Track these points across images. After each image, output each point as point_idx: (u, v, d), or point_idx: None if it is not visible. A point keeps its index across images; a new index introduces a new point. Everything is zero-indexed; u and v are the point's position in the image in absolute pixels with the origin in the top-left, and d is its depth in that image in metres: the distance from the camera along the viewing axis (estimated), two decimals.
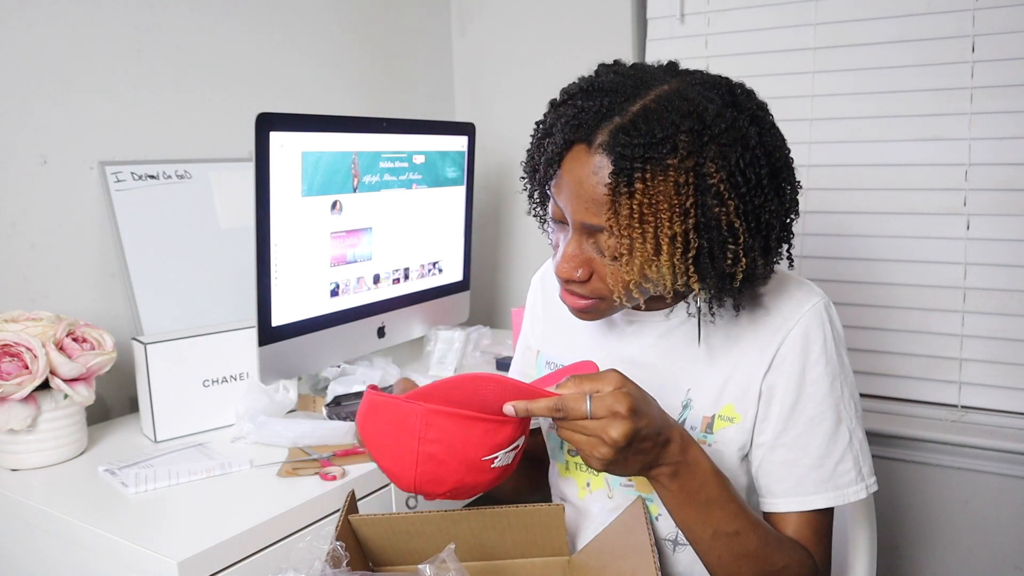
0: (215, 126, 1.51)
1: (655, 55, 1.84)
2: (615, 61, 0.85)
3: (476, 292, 1.99)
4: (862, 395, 1.69)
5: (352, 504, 0.87)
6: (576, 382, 0.72)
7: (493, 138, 2.01)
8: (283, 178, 1.24)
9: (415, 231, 1.58)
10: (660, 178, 0.74)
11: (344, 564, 0.75)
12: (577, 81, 0.84)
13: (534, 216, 0.93)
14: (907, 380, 1.65)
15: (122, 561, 0.91)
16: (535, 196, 0.91)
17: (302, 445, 1.17)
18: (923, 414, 1.63)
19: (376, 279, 1.50)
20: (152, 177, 1.38)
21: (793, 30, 1.68)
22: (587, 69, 0.86)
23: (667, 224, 0.75)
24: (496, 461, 0.76)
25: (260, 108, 1.19)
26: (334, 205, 1.35)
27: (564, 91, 0.84)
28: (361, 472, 1.09)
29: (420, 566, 0.74)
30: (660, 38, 1.84)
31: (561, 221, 0.85)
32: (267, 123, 1.19)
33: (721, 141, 0.75)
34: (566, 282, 0.85)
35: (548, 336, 1.06)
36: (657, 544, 0.91)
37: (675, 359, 0.91)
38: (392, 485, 1.14)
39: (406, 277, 1.59)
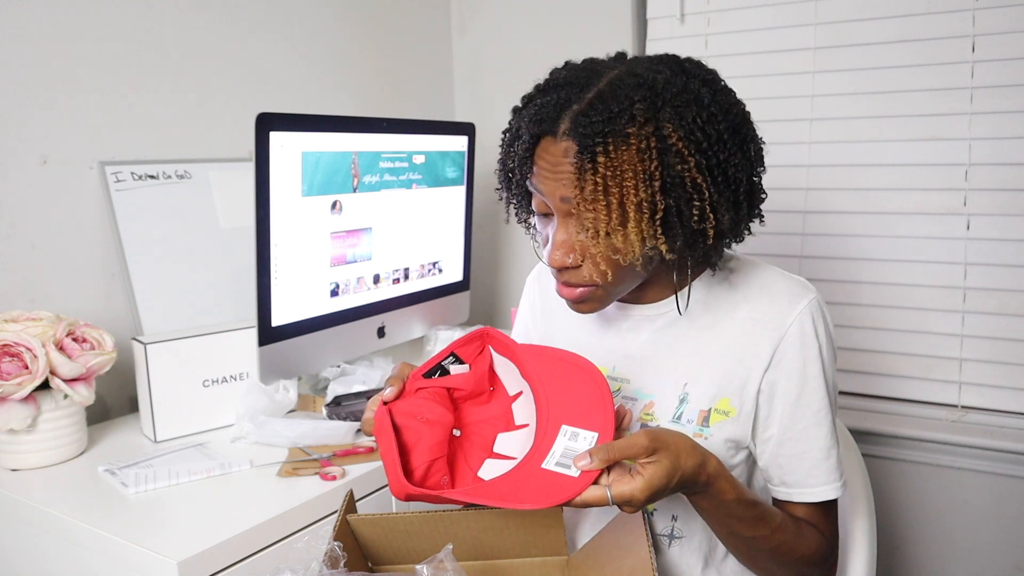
0: (215, 126, 1.51)
1: None
2: (565, 61, 0.90)
3: (476, 292, 1.99)
4: (862, 395, 1.70)
5: (351, 504, 0.87)
6: (606, 453, 0.73)
7: (493, 138, 2.00)
8: (283, 178, 1.24)
9: (415, 231, 1.58)
10: (623, 148, 0.77)
11: (342, 564, 0.75)
12: (534, 85, 0.88)
13: (519, 222, 0.96)
14: (907, 380, 1.65)
15: (122, 561, 0.91)
16: (513, 200, 0.94)
17: (302, 445, 1.17)
18: (923, 414, 1.63)
19: (376, 279, 1.50)
20: (152, 177, 1.38)
21: (793, 30, 1.68)
22: None
23: (632, 191, 0.78)
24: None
25: (260, 108, 1.19)
26: (334, 205, 1.36)
27: (524, 97, 0.89)
28: (360, 472, 1.10)
29: (418, 566, 0.74)
30: (660, 38, 1.84)
31: (545, 214, 0.87)
32: (267, 123, 1.19)
33: (676, 104, 0.78)
34: (560, 271, 0.87)
35: (547, 334, 1.06)
36: (653, 539, 0.92)
37: (672, 353, 0.92)
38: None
39: (406, 277, 1.59)
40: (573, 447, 0.76)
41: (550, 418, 0.80)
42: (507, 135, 0.89)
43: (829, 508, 0.91)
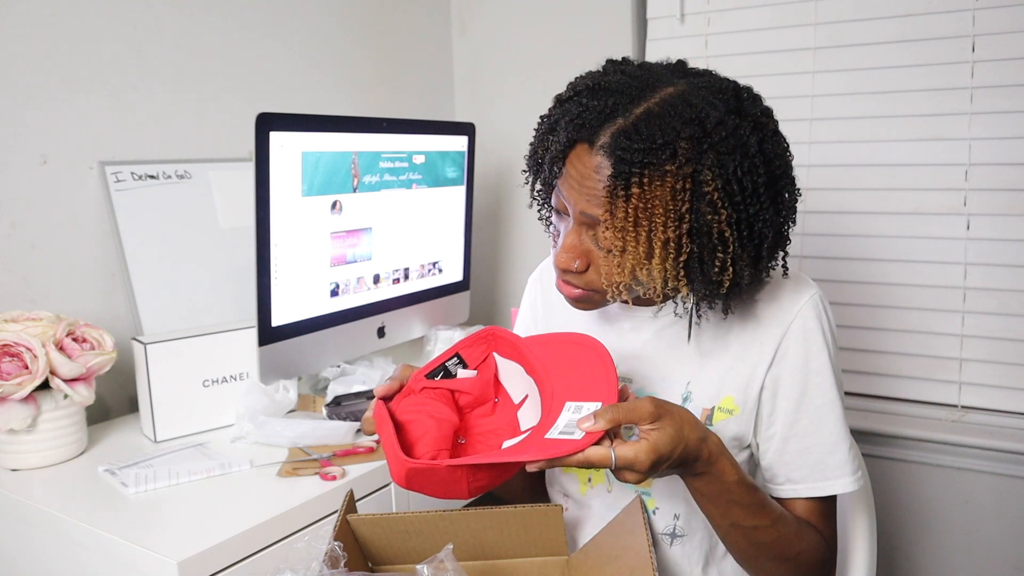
0: (215, 126, 1.51)
1: (655, 55, 1.84)
2: (624, 59, 0.85)
3: (476, 292, 1.99)
4: (862, 395, 1.70)
5: (351, 504, 0.87)
6: (611, 414, 0.72)
7: (493, 138, 2.01)
8: (283, 178, 1.24)
9: (415, 231, 1.58)
10: (657, 183, 0.75)
11: (342, 564, 0.75)
12: (584, 77, 0.84)
13: (537, 208, 0.94)
14: (907, 380, 1.65)
15: (122, 561, 0.91)
16: (537, 188, 0.91)
17: (302, 445, 1.17)
18: (923, 414, 1.63)
19: (376, 279, 1.50)
20: (152, 177, 1.38)
21: (793, 30, 1.68)
22: (587, 69, 0.86)
23: (661, 228, 0.76)
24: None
25: (260, 108, 1.19)
26: (334, 205, 1.36)
27: (571, 86, 0.84)
28: (361, 472, 1.10)
29: (418, 566, 0.74)
30: (660, 38, 1.84)
31: (563, 212, 0.86)
32: (267, 123, 1.19)
33: (720, 149, 0.75)
34: (563, 271, 0.86)
35: (549, 332, 1.06)
36: (654, 538, 0.92)
37: (674, 352, 0.93)
38: (392, 485, 1.14)
39: (406, 277, 1.59)
40: (577, 418, 0.75)
41: (555, 400, 0.79)
42: (544, 122, 0.86)
43: (829, 511, 0.90)
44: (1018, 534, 1.55)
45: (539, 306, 1.10)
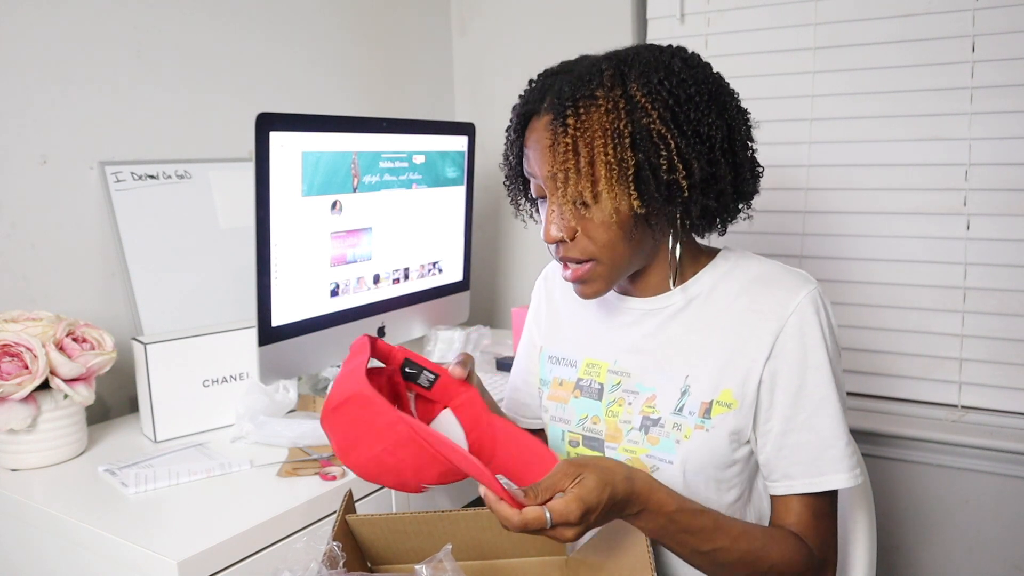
0: (215, 126, 1.51)
1: None
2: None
3: (476, 292, 1.99)
4: (862, 395, 1.70)
5: (350, 504, 0.87)
6: (535, 494, 0.72)
7: (493, 138, 2.00)
8: (283, 178, 1.24)
9: (415, 231, 1.58)
10: (592, 109, 0.82)
11: (341, 564, 0.75)
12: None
13: (522, 214, 1.01)
14: (907, 380, 1.65)
15: (122, 561, 0.91)
16: (515, 191, 0.99)
17: (302, 445, 1.17)
18: (923, 414, 1.63)
19: (376, 279, 1.50)
20: (152, 177, 1.38)
21: (793, 30, 1.68)
22: None
23: (602, 150, 0.82)
24: (427, 488, 0.78)
25: (260, 108, 1.19)
26: (334, 205, 1.36)
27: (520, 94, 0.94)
28: None
29: (417, 566, 0.74)
30: (660, 38, 1.83)
31: (542, 197, 0.91)
32: (267, 123, 1.19)
33: (643, 68, 0.83)
34: (558, 248, 0.90)
35: (551, 332, 1.08)
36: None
37: (673, 346, 0.93)
38: None
39: (406, 277, 1.59)
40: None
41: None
42: (507, 133, 0.95)
43: (825, 511, 0.89)
44: (1018, 534, 1.55)
45: (543, 310, 1.11)
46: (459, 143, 1.65)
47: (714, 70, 0.89)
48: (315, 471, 1.08)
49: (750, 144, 0.90)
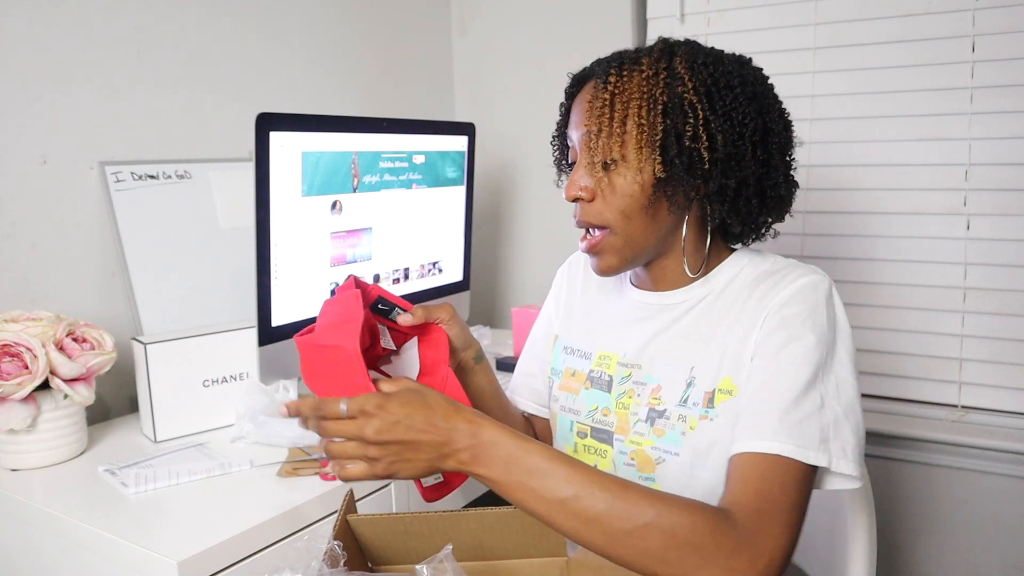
0: (215, 126, 1.51)
1: None
2: None
3: (476, 292, 1.99)
4: (862, 395, 1.69)
5: (351, 504, 0.87)
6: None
7: (493, 138, 2.01)
8: (283, 178, 1.24)
9: (415, 231, 1.58)
10: (635, 73, 0.86)
11: (341, 564, 0.75)
12: None
13: (563, 182, 1.01)
14: (907, 380, 1.65)
15: (122, 561, 0.91)
16: (563, 154, 1.01)
17: (302, 445, 1.17)
18: (923, 414, 1.63)
19: (376, 279, 1.50)
20: (152, 177, 1.38)
21: (793, 30, 1.68)
22: None
23: (635, 111, 0.85)
24: None
25: (260, 108, 1.19)
26: (334, 205, 1.36)
27: None
28: None
29: (417, 567, 0.74)
30: None
31: (576, 161, 0.94)
32: (267, 123, 1.19)
33: (692, 51, 0.88)
34: (577, 207, 0.92)
35: (568, 323, 1.08)
36: None
37: (683, 339, 0.93)
38: (392, 485, 1.14)
39: (406, 277, 1.59)
40: None
41: None
42: (561, 107, 0.99)
43: (767, 477, 0.76)
44: (1018, 534, 1.55)
45: (563, 295, 1.12)
46: (459, 143, 1.65)
47: (770, 81, 0.92)
48: (315, 471, 1.08)
49: (788, 155, 0.92)
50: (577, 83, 0.95)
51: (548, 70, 1.96)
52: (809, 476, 0.78)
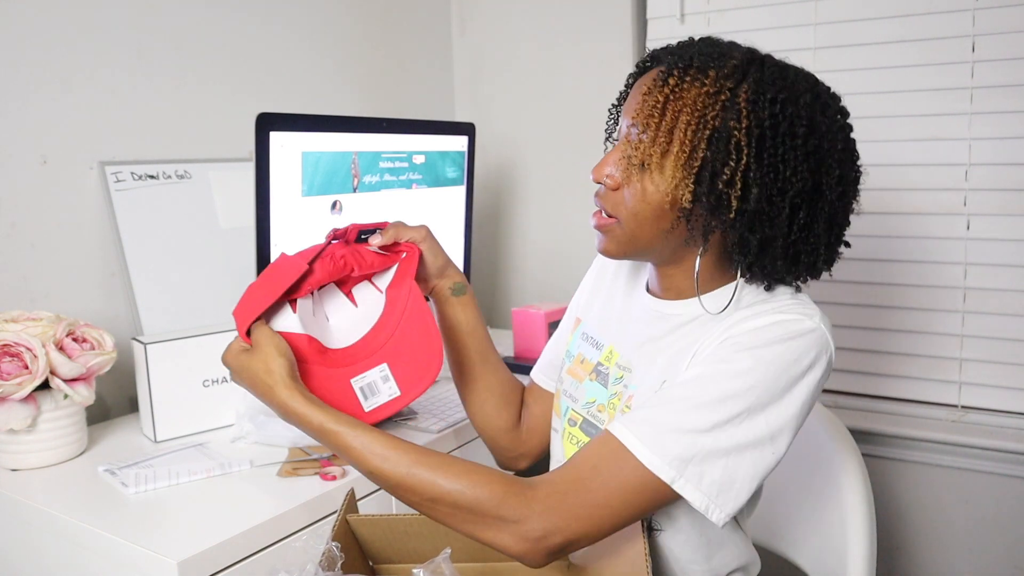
0: (215, 126, 1.51)
1: None
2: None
3: (476, 292, 1.99)
4: (862, 395, 1.70)
5: (352, 504, 0.87)
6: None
7: (493, 138, 2.01)
8: (283, 178, 1.24)
9: None
10: (697, 82, 0.79)
11: (338, 565, 0.75)
12: None
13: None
14: (907, 380, 1.65)
15: (122, 561, 0.91)
16: (613, 125, 0.96)
17: (302, 445, 1.17)
18: (923, 414, 1.63)
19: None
20: (152, 177, 1.38)
21: (793, 30, 1.68)
22: (586, 69, 0.90)
23: (684, 126, 0.79)
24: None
25: (260, 108, 1.19)
26: (334, 205, 1.36)
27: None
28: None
29: (415, 569, 0.74)
30: (660, 38, 1.84)
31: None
32: (267, 123, 1.19)
33: (766, 79, 0.80)
34: (597, 189, 0.89)
35: (589, 310, 1.08)
36: (651, 535, 0.92)
37: (664, 353, 0.92)
38: None
39: None
40: (376, 387, 0.96)
41: (385, 344, 0.97)
42: (621, 94, 0.94)
43: (581, 477, 0.77)
44: (1018, 534, 1.55)
45: (591, 281, 1.12)
46: (459, 143, 1.65)
47: (850, 133, 0.86)
48: (315, 471, 1.08)
49: (839, 222, 0.86)
50: (647, 62, 0.88)
51: (548, 70, 1.96)
52: (650, 486, 0.76)
